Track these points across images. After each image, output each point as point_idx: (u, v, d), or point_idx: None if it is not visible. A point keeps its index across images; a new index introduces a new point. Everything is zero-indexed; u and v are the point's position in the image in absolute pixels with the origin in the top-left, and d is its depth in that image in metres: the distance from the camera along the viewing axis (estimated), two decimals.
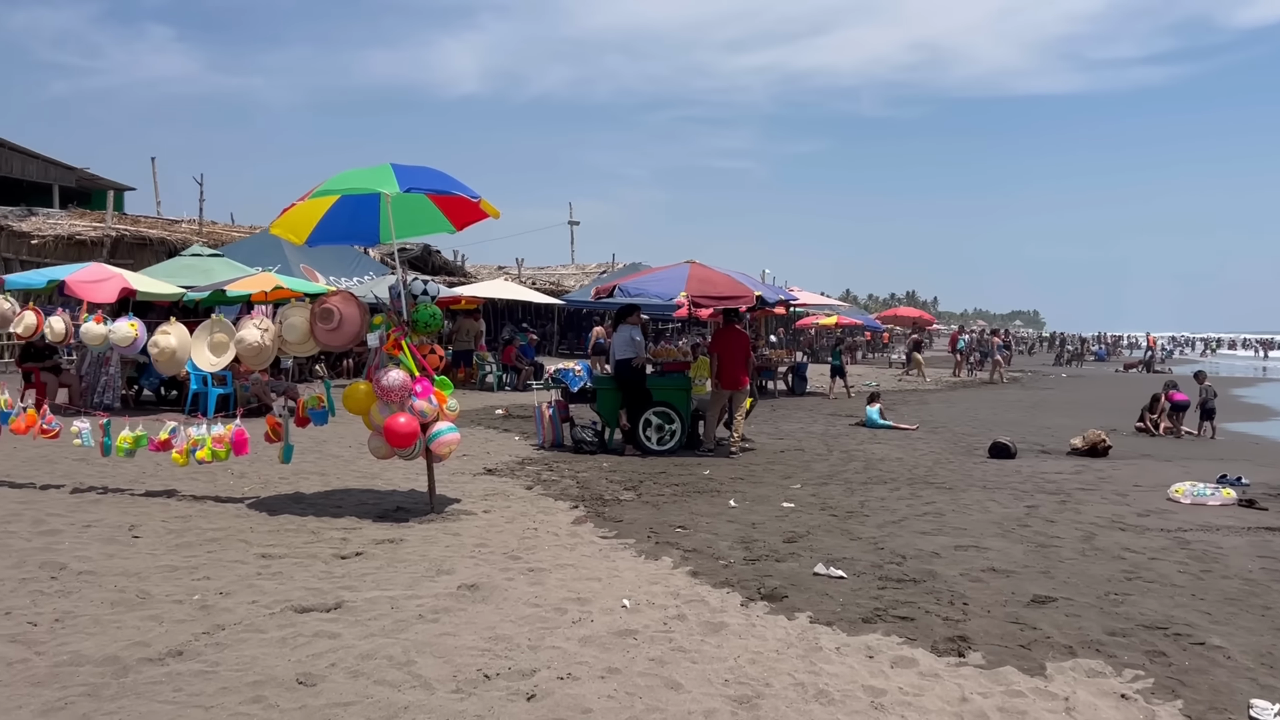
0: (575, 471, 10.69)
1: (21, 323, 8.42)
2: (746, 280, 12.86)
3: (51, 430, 8.44)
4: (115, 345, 8.31)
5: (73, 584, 5.48)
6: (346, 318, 7.81)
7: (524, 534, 7.27)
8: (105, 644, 4.47)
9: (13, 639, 4.52)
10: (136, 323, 8.33)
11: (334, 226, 8.37)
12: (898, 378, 32.84)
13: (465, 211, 8.35)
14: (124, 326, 8.26)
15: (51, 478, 9.11)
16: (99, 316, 8.39)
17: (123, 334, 8.25)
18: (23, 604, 5.08)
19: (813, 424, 17.09)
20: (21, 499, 8.03)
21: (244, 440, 8.12)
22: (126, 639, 4.54)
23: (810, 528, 7.87)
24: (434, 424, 7.69)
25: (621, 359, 12.31)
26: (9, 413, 8.43)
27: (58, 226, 25.87)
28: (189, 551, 6.35)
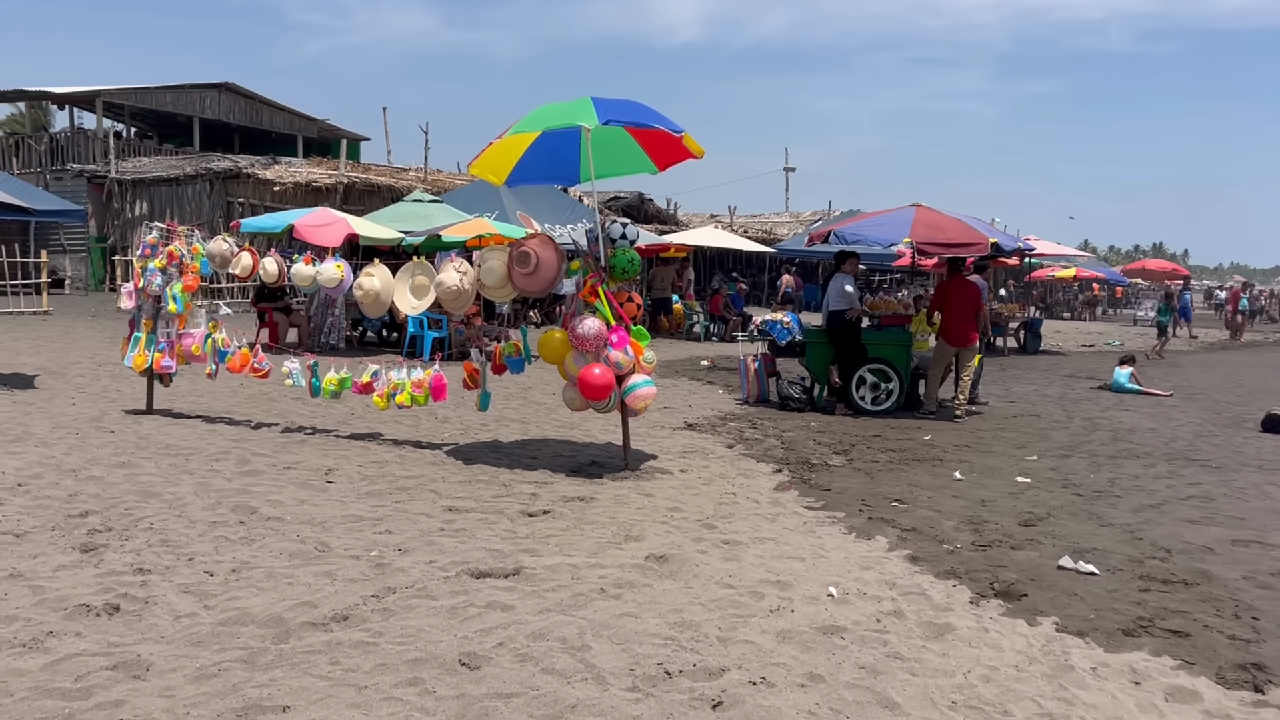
0: (780, 430, 10.01)
1: (239, 264, 8.57)
2: (979, 226, 11.63)
3: (262, 370, 8.59)
4: (323, 286, 8.31)
5: (258, 530, 5.37)
6: (543, 262, 7.42)
7: (721, 499, 6.69)
8: (273, 602, 4.25)
9: (187, 590, 4.38)
10: (343, 264, 8.29)
11: (534, 166, 7.99)
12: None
13: (668, 149, 7.75)
14: (330, 268, 8.24)
15: (268, 416, 9.35)
16: (308, 258, 8.41)
17: (329, 275, 8.23)
18: (206, 550, 4.98)
19: (1048, 386, 15.58)
20: (235, 436, 8.22)
21: (442, 386, 7.95)
22: (296, 597, 4.30)
23: (1051, 509, 6.87)
24: (630, 376, 7.22)
25: (835, 310, 11.45)
26: (226, 351, 8.64)
27: (297, 174, 27.40)
28: (377, 501, 6.17)
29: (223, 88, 36.94)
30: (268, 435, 8.34)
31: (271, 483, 6.54)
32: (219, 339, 8.71)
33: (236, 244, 8.77)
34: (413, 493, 6.41)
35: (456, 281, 7.69)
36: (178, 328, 8.82)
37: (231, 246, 8.71)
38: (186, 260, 8.75)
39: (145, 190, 28.97)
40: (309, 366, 8.41)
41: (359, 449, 7.89)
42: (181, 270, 8.73)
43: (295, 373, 8.40)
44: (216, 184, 28.19)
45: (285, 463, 7.22)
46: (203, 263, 8.78)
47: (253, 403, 10.02)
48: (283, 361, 8.54)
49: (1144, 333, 33.00)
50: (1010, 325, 22.19)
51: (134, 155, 32.57)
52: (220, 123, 37.98)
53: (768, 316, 12.22)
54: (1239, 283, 37.31)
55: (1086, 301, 44.01)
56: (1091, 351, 23.85)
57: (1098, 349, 24.84)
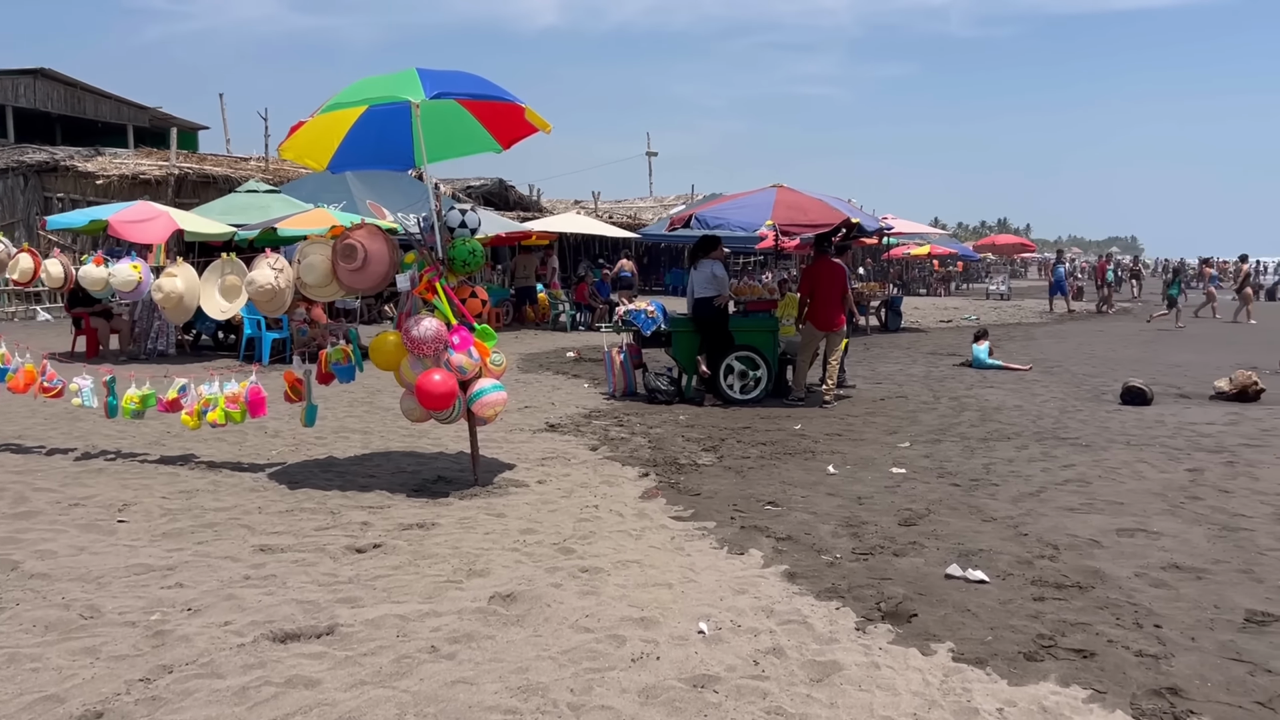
0: (648, 427, 9.43)
1: (16, 267, 7.41)
2: (840, 205, 11.30)
3: (54, 389, 7.46)
4: (117, 290, 7.25)
5: (13, 593, 4.41)
6: (372, 255, 6.59)
7: (582, 514, 6.03)
8: (5, 698, 3.35)
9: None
10: (140, 264, 7.24)
11: (360, 148, 7.13)
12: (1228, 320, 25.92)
13: (510, 125, 7.01)
14: (125, 269, 7.19)
15: (66, 439, 8.19)
16: (99, 258, 7.32)
17: (124, 277, 7.18)
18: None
19: (912, 364, 15.52)
20: (19, 467, 7.09)
21: (261, 400, 7.03)
22: (38, 689, 3.42)
23: (930, 503, 6.47)
24: (475, 381, 6.47)
25: (701, 298, 10.93)
26: (6, 369, 7.47)
27: (123, 166, 25.33)
28: (175, 543, 5.25)
29: (38, 74, 33.97)
30: (58, 464, 7.23)
31: (48, 526, 5.52)
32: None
33: (12, 246, 7.59)
34: (220, 530, 5.51)
35: (271, 280, 6.78)
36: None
37: (8, 248, 7.53)
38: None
39: None
40: (105, 383, 7.33)
41: (166, 476, 6.88)
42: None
43: (85, 391, 7.32)
44: (31, 178, 25.80)
45: (72, 498, 6.18)
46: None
47: (52, 424, 8.81)
48: (72, 378, 7.43)
49: (997, 305, 34.03)
50: (872, 304, 22.29)
51: None
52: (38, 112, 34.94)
53: (631, 306, 11.62)
54: (1105, 256, 36.60)
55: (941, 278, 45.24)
56: (950, 327, 24.23)
57: (955, 324, 25.29)
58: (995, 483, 7.14)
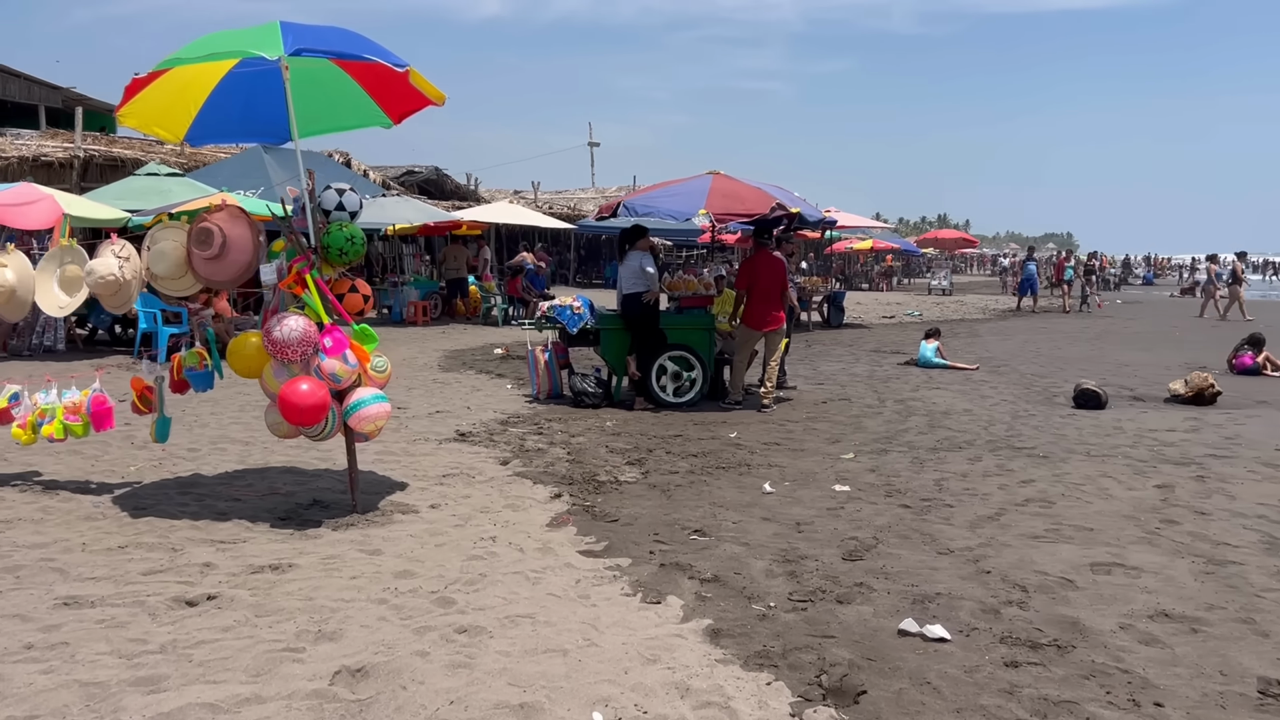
0: (569, 435, 8.54)
1: None
2: (781, 195, 10.50)
3: None
4: None
5: None
6: (233, 242, 5.60)
7: (475, 548, 5.13)
8: None
9: None
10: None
11: (222, 117, 6.12)
12: (1213, 321, 24.84)
13: (399, 95, 6.05)
14: None
15: None
16: None
17: None
18: None
19: (855, 363, 14.83)
20: None
21: (106, 411, 6.00)
22: None
23: (878, 530, 5.68)
24: (353, 391, 5.53)
25: (629, 293, 10.07)
26: None
27: (24, 147, 23.70)
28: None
29: None
30: None
31: None
32: None
33: None
34: (24, 575, 4.50)
35: (114, 270, 5.76)
36: None
37: None
38: None
39: None
40: None
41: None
42: None
43: None
44: None
45: None
46: None
47: None
48: None
49: (939, 301, 33.68)
50: (814, 299, 21.62)
51: None
52: None
53: (556, 302, 10.71)
54: (1064, 253, 34.21)
55: (883, 272, 44.94)
56: (893, 323, 23.70)
57: (898, 320, 24.77)
58: (949, 503, 6.39)
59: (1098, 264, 34.57)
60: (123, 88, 5.52)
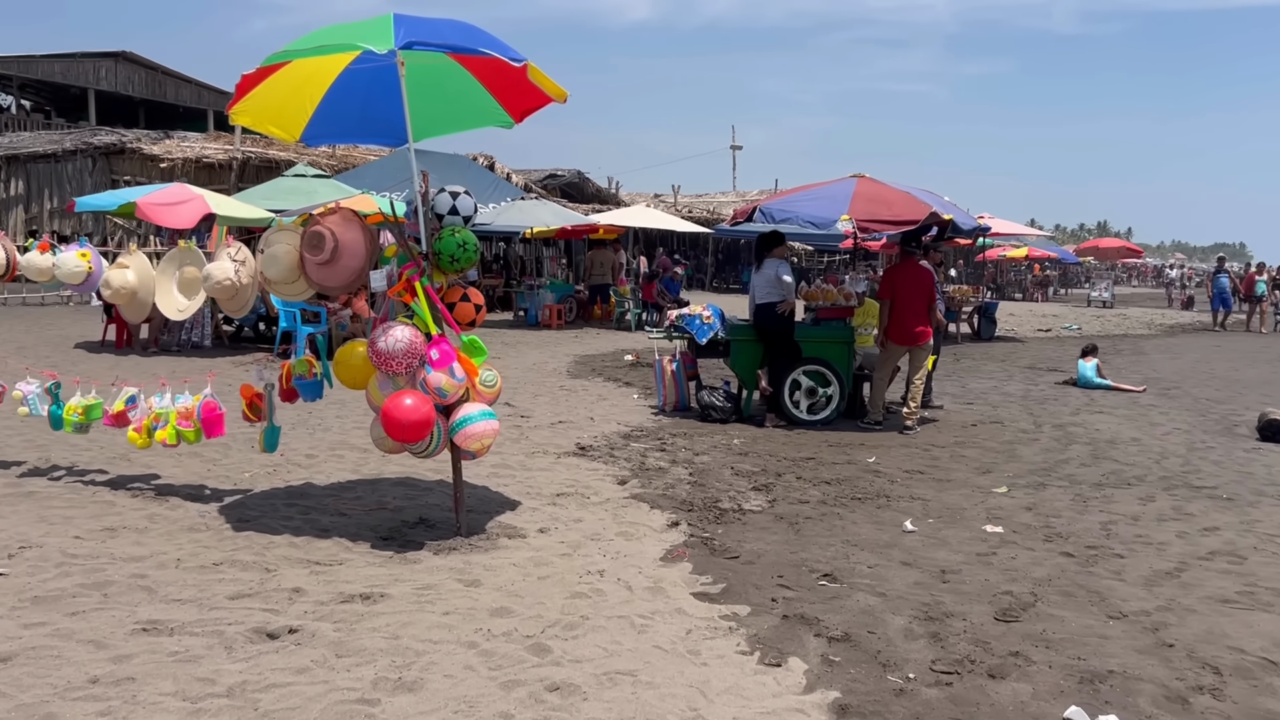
0: (694, 453, 8.07)
1: None
2: (931, 199, 9.75)
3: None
4: (64, 282, 6.16)
5: None
6: (344, 247, 5.35)
7: (580, 583, 4.71)
8: None
9: None
10: (89, 252, 6.14)
11: (340, 116, 5.89)
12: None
13: (520, 92, 5.69)
14: (71, 258, 6.09)
15: (25, 449, 7.18)
16: (44, 244, 6.25)
17: (70, 268, 6.08)
18: None
19: (1008, 381, 13.82)
20: None
21: (217, 418, 5.85)
22: None
23: (1036, 583, 4.99)
24: (460, 407, 5.20)
25: (764, 302, 9.52)
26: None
27: (188, 150, 24.88)
28: (41, 612, 4.08)
29: (120, 57, 34.04)
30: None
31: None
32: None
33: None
34: (111, 593, 4.32)
35: (230, 275, 5.61)
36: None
37: None
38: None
39: (21, 167, 26.22)
40: (47, 390, 6.25)
41: (99, 506, 5.77)
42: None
43: (32, 399, 6.25)
44: (99, 160, 25.58)
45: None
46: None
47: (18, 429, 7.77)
48: (15, 384, 6.37)
49: (1099, 314, 31.63)
50: (964, 310, 20.48)
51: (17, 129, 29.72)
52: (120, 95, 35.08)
53: (685, 310, 10.25)
54: (1257, 265, 29.17)
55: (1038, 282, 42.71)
56: (1049, 337, 22.28)
57: (1055, 334, 23.29)
58: (1119, 553, 5.61)
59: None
60: None
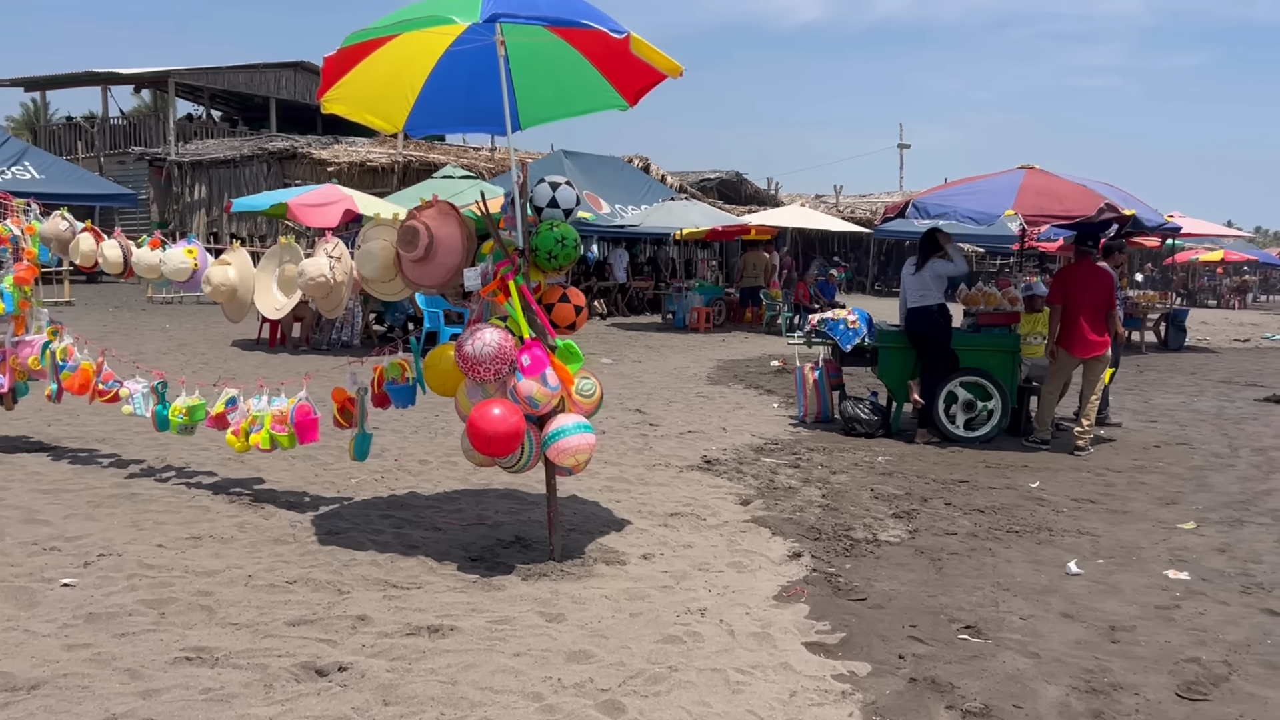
0: (830, 471, 7.35)
1: (78, 249, 6.38)
2: (1111, 193, 8.66)
3: (109, 392, 6.37)
4: (170, 279, 6.04)
5: None
6: (440, 243, 4.97)
7: (677, 622, 4.13)
8: None
9: None
10: (195, 248, 6.00)
11: (444, 103, 5.54)
12: None
13: (631, 70, 5.16)
14: (178, 254, 5.96)
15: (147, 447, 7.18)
16: (154, 241, 6.16)
17: (176, 264, 5.95)
18: None
19: (1199, 396, 12.35)
20: (56, 482, 6.07)
21: (311, 423, 5.58)
22: None
23: (1230, 650, 4.08)
24: (553, 419, 4.71)
25: (916, 306, 8.68)
26: (65, 365, 6.45)
27: (354, 154, 25.67)
28: (90, 631, 3.82)
29: (298, 66, 35.57)
30: (97, 482, 6.13)
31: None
32: (59, 349, 6.54)
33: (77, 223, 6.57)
34: (170, 612, 4.04)
35: (325, 272, 5.32)
36: (12, 333, 6.72)
37: (72, 225, 6.53)
38: (22, 244, 6.62)
39: (204, 173, 27.78)
40: (153, 388, 6.16)
41: (194, 511, 5.59)
42: (16, 256, 6.62)
43: (137, 398, 6.17)
44: (274, 165, 26.74)
45: (59, 536, 4.98)
46: (40, 248, 6.65)
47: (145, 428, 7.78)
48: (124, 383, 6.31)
49: None
50: (1149, 317, 18.72)
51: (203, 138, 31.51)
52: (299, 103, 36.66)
53: (829, 315, 9.51)
54: None
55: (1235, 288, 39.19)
56: (1247, 348, 20.14)
57: (1254, 344, 21.06)
58: None
59: None
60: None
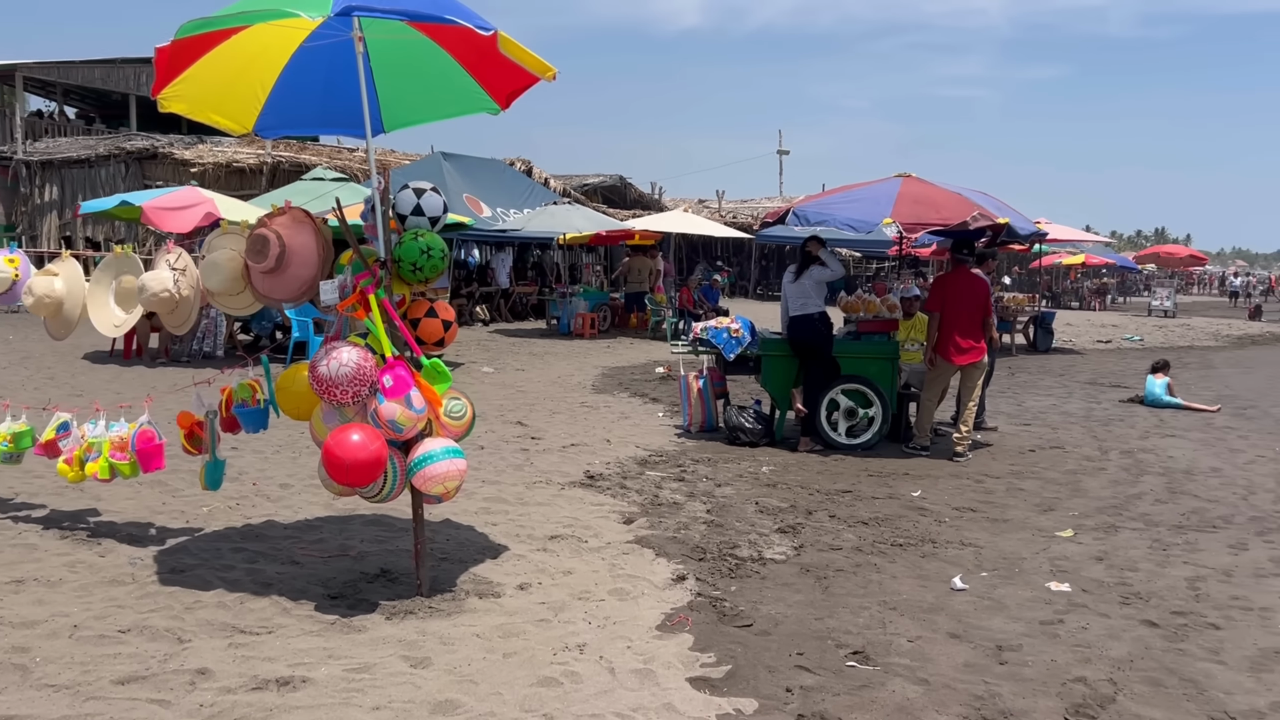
0: (715, 483, 7.19)
1: None
2: (985, 201, 8.78)
3: None
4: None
5: None
6: (293, 253, 4.58)
7: (552, 663, 3.85)
8: None
9: None
10: (18, 258, 5.43)
11: (298, 103, 5.13)
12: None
13: (502, 72, 4.86)
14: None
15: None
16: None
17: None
18: None
19: (1068, 398, 12.73)
20: None
21: (155, 449, 5.09)
22: None
23: (1115, 665, 4.05)
24: (420, 443, 4.38)
25: (799, 315, 8.62)
26: None
27: (219, 154, 24.51)
28: None
29: None
30: None
31: None
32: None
33: None
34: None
35: (168, 286, 4.86)
36: None
37: None
38: None
39: (56, 173, 26.11)
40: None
41: (21, 548, 5.04)
42: None
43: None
44: (133, 165, 25.31)
45: None
46: None
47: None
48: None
49: (1161, 324, 30.13)
50: (1019, 320, 19.32)
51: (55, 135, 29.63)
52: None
53: (712, 324, 9.37)
54: None
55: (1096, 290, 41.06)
56: (1109, 349, 21.01)
57: (1115, 345, 22.00)
58: (1214, 621, 4.64)
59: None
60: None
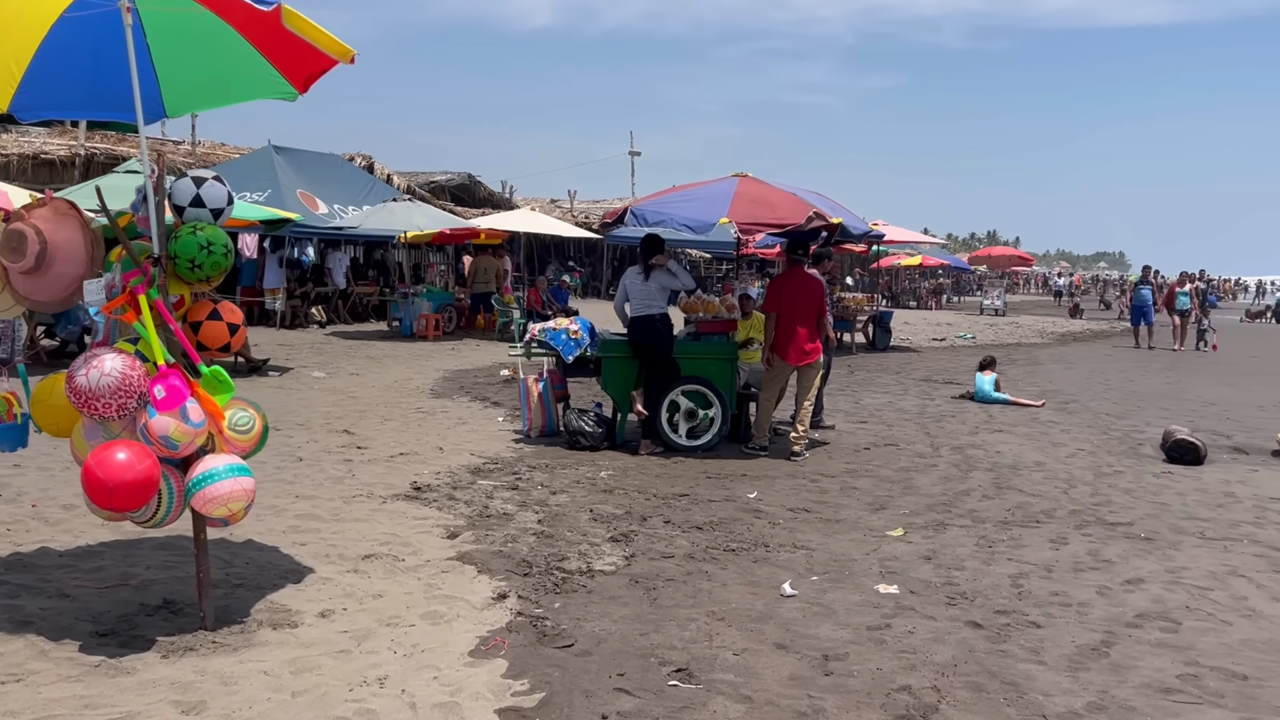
0: (550, 491, 6.93)
1: None
2: (820, 202, 8.82)
3: None
4: None
5: None
6: (56, 249, 4.06)
7: (345, 703, 3.50)
8: None
9: None
10: None
11: (63, 82, 4.57)
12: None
13: (297, 53, 4.45)
14: None
15: None
16: None
17: None
18: None
19: (903, 395, 13.06)
20: None
21: None
22: None
23: (939, 671, 3.99)
24: (200, 461, 3.94)
25: (641, 315, 8.46)
26: None
27: (26, 145, 22.68)
28: None
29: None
30: None
31: None
32: None
33: None
34: None
35: None
36: None
37: None
38: None
39: None
40: None
41: None
42: None
43: None
44: None
45: None
46: None
47: None
48: None
49: (993, 322, 31.60)
50: (858, 319, 19.82)
51: None
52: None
53: (550, 325, 9.10)
54: (1180, 275, 24.28)
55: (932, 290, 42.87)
56: (944, 347, 21.83)
57: (949, 343, 22.89)
58: (1035, 619, 4.67)
59: (1210, 288, 28.44)
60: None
